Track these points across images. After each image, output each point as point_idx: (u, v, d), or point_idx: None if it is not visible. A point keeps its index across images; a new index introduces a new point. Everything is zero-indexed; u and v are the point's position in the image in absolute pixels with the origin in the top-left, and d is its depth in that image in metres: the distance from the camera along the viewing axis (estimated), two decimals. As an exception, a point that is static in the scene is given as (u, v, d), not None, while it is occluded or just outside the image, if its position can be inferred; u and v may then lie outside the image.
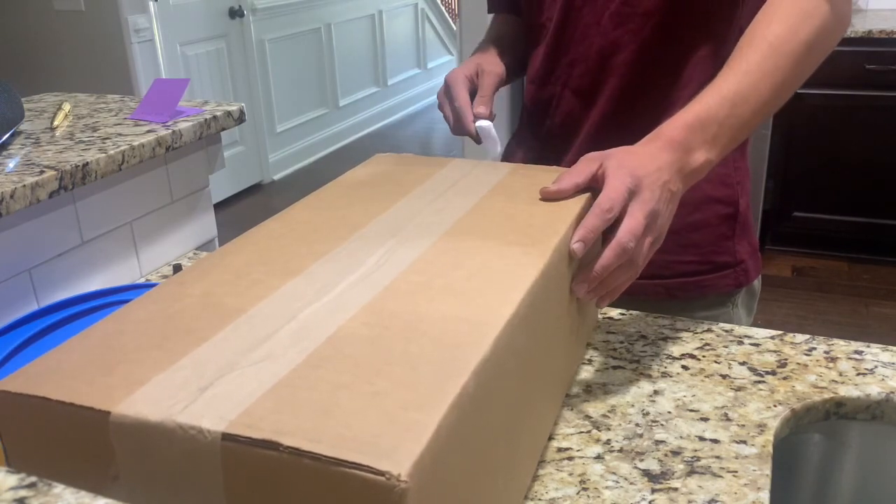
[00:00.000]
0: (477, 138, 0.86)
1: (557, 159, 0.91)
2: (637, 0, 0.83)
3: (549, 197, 0.67)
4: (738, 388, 0.70)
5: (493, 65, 0.91)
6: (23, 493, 0.35)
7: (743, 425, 0.65)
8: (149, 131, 1.04)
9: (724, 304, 0.92)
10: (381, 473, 0.35)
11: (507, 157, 1.02)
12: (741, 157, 0.92)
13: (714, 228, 0.91)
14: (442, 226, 0.62)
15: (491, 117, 0.87)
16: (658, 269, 0.90)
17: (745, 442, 0.63)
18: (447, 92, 0.89)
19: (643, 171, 0.64)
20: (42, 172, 0.88)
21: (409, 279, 0.53)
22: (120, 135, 1.03)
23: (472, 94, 0.89)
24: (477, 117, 0.86)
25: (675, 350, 0.76)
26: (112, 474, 0.41)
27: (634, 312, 0.83)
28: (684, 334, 0.79)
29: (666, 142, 0.66)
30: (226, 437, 0.37)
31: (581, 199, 0.66)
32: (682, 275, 0.90)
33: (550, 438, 0.64)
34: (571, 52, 0.89)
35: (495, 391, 0.46)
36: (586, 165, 0.67)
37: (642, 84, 0.86)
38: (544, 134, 0.95)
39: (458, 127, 0.87)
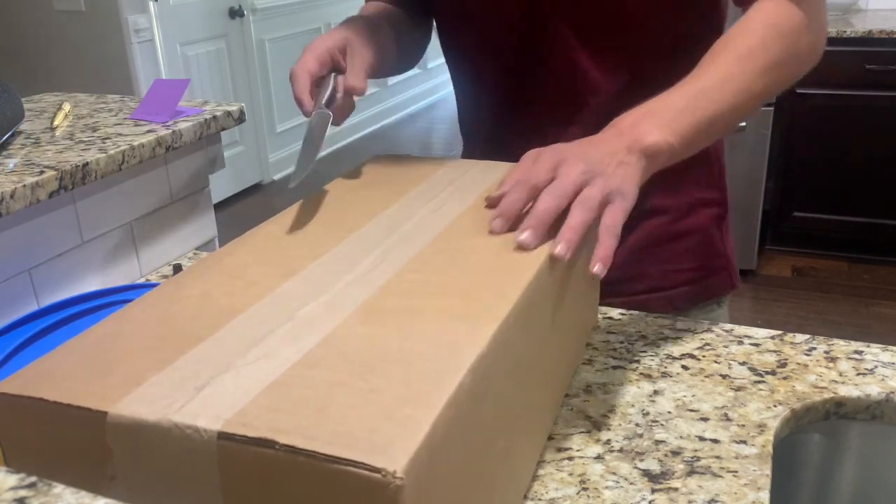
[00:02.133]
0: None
1: None
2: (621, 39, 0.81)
3: (493, 204, 0.63)
4: (738, 388, 0.70)
5: (364, 47, 0.80)
6: (23, 493, 0.35)
7: (743, 425, 0.65)
8: (149, 131, 1.04)
9: (720, 306, 0.93)
10: (377, 470, 0.35)
11: None
12: (722, 156, 0.93)
13: (706, 231, 0.91)
14: (438, 225, 0.62)
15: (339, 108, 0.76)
16: (659, 281, 0.90)
17: (745, 442, 0.63)
18: (296, 73, 0.76)
19: (572, 147, 0.63)
20: (42, 172, 0.88)
21: (405, 278, 0.53)
22: (120, 135, 1.03)
23: (333, 70, 0.77)
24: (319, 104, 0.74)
25: (675, 350, 0.76)
26: (109, 474, 0.41)
27: (634, 312, 0.83)
28: (684, 334, 0.79)
29: (612, 131, 0.64)
30: (222, 435, 0.37)
31: None
32: (683, 283, 0.90)
33: (550, 438, 0.64)
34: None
35: (493, 388, 0.46)
36: (526, 160, 0.65)
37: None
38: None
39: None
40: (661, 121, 0.64)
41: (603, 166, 0.61)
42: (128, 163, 0.98)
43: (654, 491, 0.57)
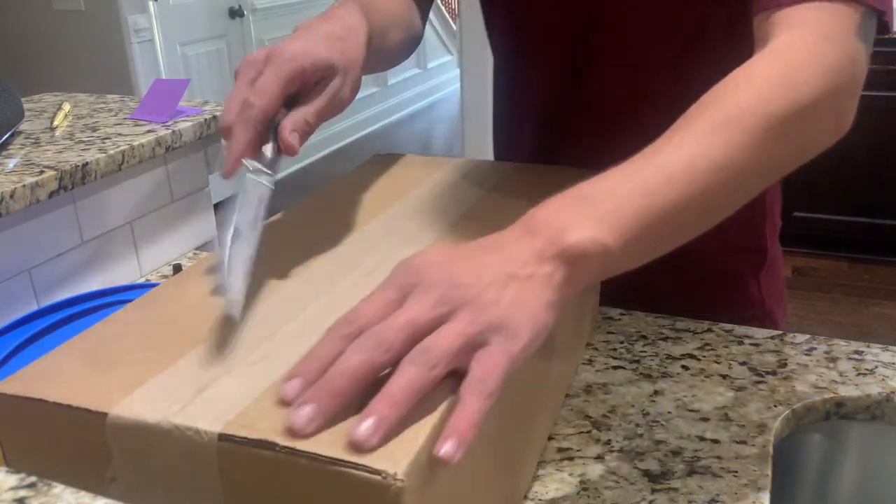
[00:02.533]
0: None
1: None
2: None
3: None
4: (739, 389, 0.70)
5: (353, 62, 0.59)
6: (23, 493, 0.35)
7: (743, 425, 0.65)
8: (149, 131, 1.04)
9: None
10: (378, 472, 0.35)
11: None
12: (772, 203, 0.84)
13: (739, 278, 0.84)
14: (439, 228, 0.62)
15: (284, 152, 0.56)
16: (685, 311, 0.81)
17: (745, 442, 0.63)
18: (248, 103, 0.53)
19: (443, 258, 0.43)
20: (42, 172, 0.88)
21: None
22: (120, 135, 1.03)
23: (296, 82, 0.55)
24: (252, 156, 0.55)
25: (676, 350, 0.76)
26: (109, 475, 0.41)
27: (635, 312, 0.83)
28: (684, 334, 0.79)
29: (520, 228, 0.45)
30: (222, 437, 0.37)
31: None
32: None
33: (550, 438, 0.64)
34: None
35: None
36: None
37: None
38: None
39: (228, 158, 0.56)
40: (592, 211, 0.45)
41: (477, 290, 0.41)
42: (128, 163, 0.98)
43: (654, 491, 0.57)
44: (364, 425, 0.36)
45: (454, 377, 0.40)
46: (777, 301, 0.89)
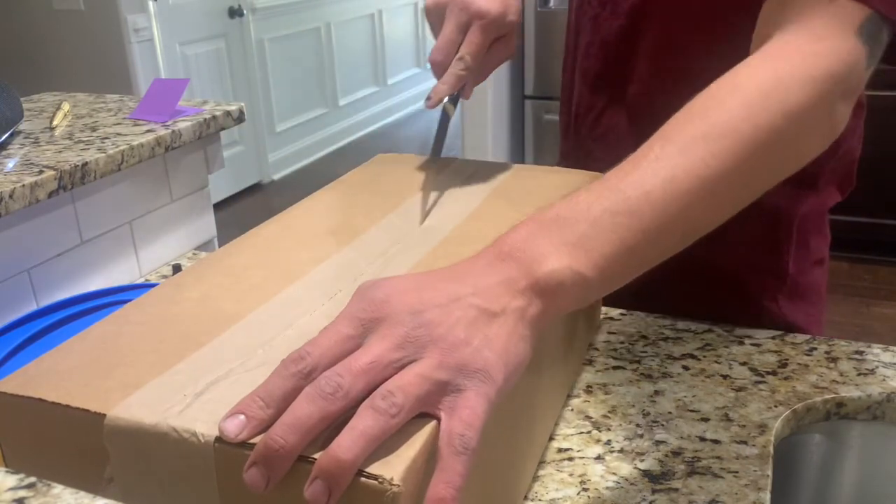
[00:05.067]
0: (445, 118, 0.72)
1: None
2: None
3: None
4: (739, 389, 0.70)
5: (518, 22, 0.70)
6: (22, 493, 0.35)
7: (744, 426, 0.64)
8: (148, 131, 1.04)
9: None
10: (374, 477, 0.35)
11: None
12: (797, 222, 0.79)
13: (757, 302, 0.80)
14: (442, 231, 0.62)
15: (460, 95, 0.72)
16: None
17: (745, 442, 0.62)
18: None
19: (409, 289, 0.40)
20: (41, 172, 0.87)
21: None
22: (119, 134, 1.03)
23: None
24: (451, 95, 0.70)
25: (676, 350, 0.76)
26: (107, 476, 0.41)
27: (635, 312, 0.83)
28: (685, 334, 0.79)
29: (490, 255, 0.42)
30: (219, 440, 0.37)
31: None
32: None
33: (551, 439, 0.63)
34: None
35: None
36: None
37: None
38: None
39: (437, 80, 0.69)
40: (566, 236, 0.42)
41: (445, 328, 0.37)
42: (127, 163, 0.98)
43: (654, 491, 0.57)
44: (315, 485, 0.34)
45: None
46: (812, 324, 0.84)
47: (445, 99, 0.70)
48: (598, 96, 0.82)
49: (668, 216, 0.44)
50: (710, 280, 0.78)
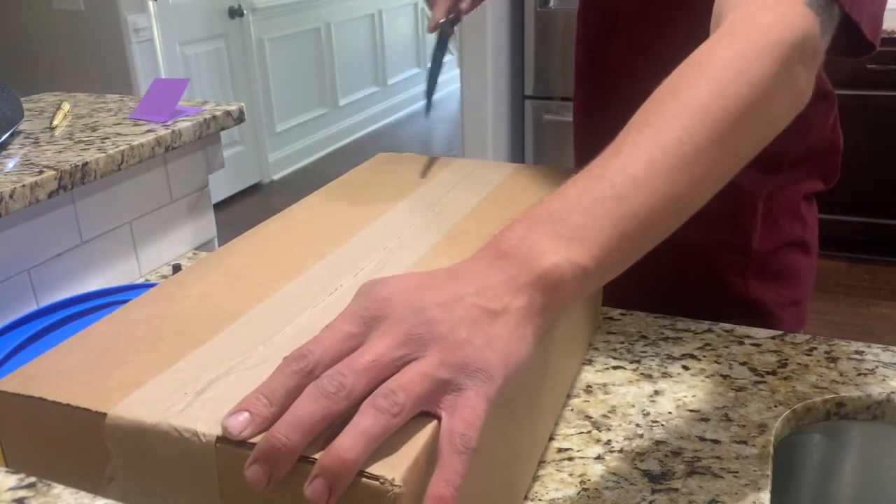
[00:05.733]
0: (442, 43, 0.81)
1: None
2: None
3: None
4: (739, 389, 0.70)
5: None
6: (22, 493, 0.35)
7: (743, 426, 0.64)
8: (148, 131, 1.04)
9: None
10: (376, 478, 0.35)
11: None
12: (761, 199, 0.82)
13: (722, 277, 0.84)
14: (441, 229, 0.62)
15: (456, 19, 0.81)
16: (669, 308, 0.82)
17: (745, 442, 0.62)
18: None
19: (411, 289, 0.40)
20: (41, 172, 0.87)
21: None
22: (119, 134, 1.03)
23: None
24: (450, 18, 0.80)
25: (676, 350, 0.76)
26: (107, 475, 0.41)
27: (635, 312, 0.83)
28: (685, 334, 0.79)
29: (489, 254, 0.42)
30: (220, 439, 0.37)
31: None
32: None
33: (551, 439, 0.64)
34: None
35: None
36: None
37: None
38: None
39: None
40: (561, 229, 0.42)
41: (447, 327, 0.38)
42: (127, 163, 0.98)
43: (654, 491, 0.57)
44: (315, 483, 0.34)
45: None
46: (782, 306, 0.86)
47: (442, 21, 0.78)
48: (581, 90, 0.91)
49: (655, 197, 0.44)
50: (679, 253, 0.76)
